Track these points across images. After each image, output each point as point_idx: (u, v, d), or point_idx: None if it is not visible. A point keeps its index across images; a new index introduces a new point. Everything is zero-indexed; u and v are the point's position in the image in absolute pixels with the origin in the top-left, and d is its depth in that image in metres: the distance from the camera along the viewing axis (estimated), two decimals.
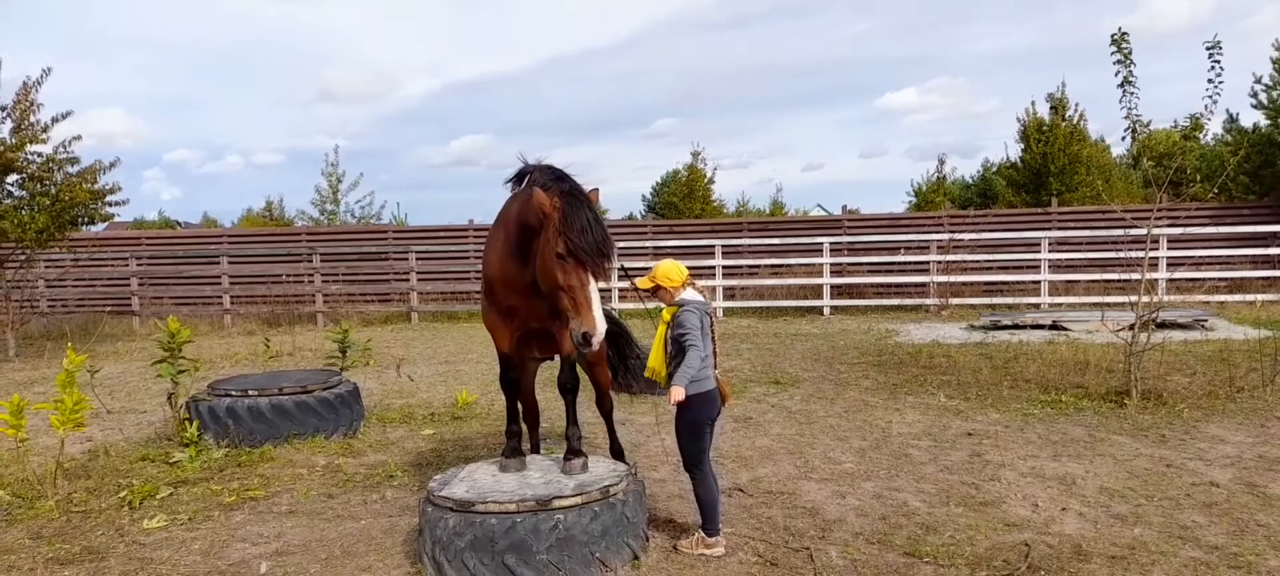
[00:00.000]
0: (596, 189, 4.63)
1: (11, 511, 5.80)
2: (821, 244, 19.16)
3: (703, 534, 4.73)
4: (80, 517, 5.67)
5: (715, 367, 4.75)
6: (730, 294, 19.65)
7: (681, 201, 30.69)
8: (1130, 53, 8.50)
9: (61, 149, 14.44)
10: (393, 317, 19.92)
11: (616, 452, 5.95)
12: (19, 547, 5.14)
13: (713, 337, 4.69)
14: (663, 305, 4.75)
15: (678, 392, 4.47)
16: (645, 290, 4.72)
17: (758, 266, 20.21)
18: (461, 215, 36.40)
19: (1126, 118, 8.69)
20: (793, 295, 19.30)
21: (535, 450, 5.79)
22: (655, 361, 4.70)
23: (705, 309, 4.68)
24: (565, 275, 4.23)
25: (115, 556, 4.98)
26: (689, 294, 4.70)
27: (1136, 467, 6.20)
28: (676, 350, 4.57)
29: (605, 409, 6.04)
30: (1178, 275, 17.14)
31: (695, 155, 31.27)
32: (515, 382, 5.28)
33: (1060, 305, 17.38)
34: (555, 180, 4.49)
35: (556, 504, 4.35)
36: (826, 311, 18.66)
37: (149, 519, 5.57)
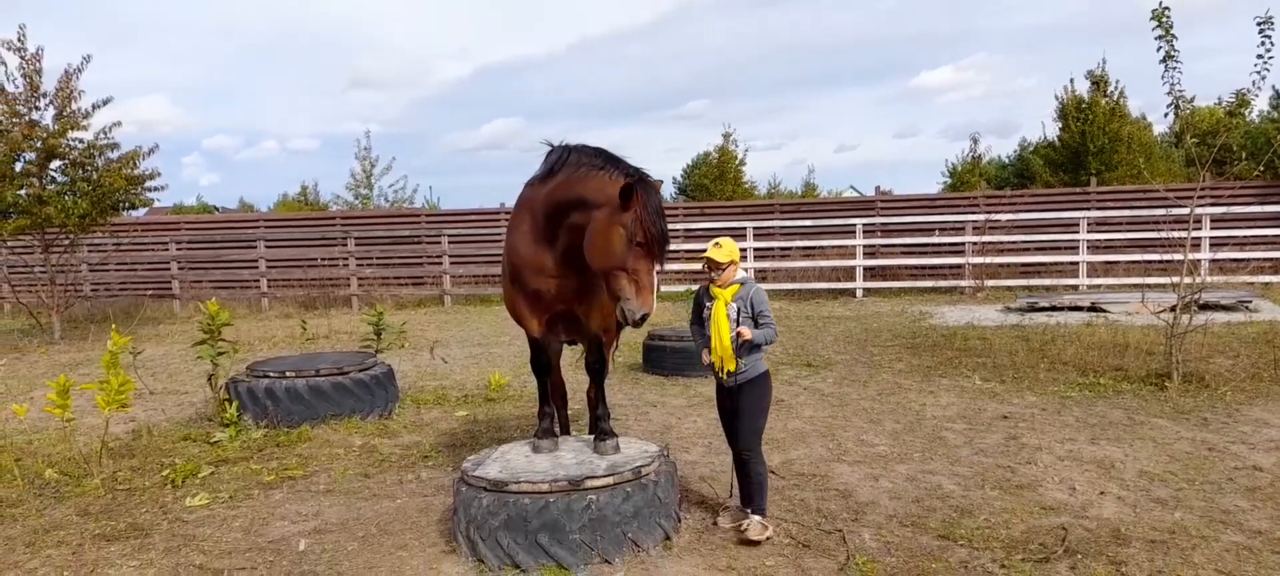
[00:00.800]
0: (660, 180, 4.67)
1: (59, 489, 5.96)
2: (854, 225, 19.00)
3: (760, 518, 4.66)
4: (125, 495, 5.80)
5: None
6: (762, 276, 19.56)
7: (712, 183, 30.58)
8: (1171, 27, 8.30)
9: (102, 135, 14.71)
10: (426, 301, 20.11)
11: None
12: (67, 524, 5.28)
13: None
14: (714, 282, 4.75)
15: (746, 332, 4.57)
16: (717, 265, 4.67)
17: (789, 248, 20.09)
18: (493, 199, 36.61)
19: (1169, 94, 8.49)
20: (825, 277, 19.17)
21: (564, 431, 5.81)
22: (725, 343, 4.64)
23: None
24: (635, 260, 4.35)
25: (159, 533, 5.10)
26: (742, 272, 4.79)
27: (1177, 451, 6.10)
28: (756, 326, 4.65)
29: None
30: (1221, 256, 16.78)
31: (726, 137, 31.13)
32: (547, 365, 5.30)
33: (1099, 286, 17.11)
34: (611, 162, 4.52)
35: (589, 484, 4.38)
36: (859, 293, 18.53)
37: (191, 497, 5.69)
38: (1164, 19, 8.30)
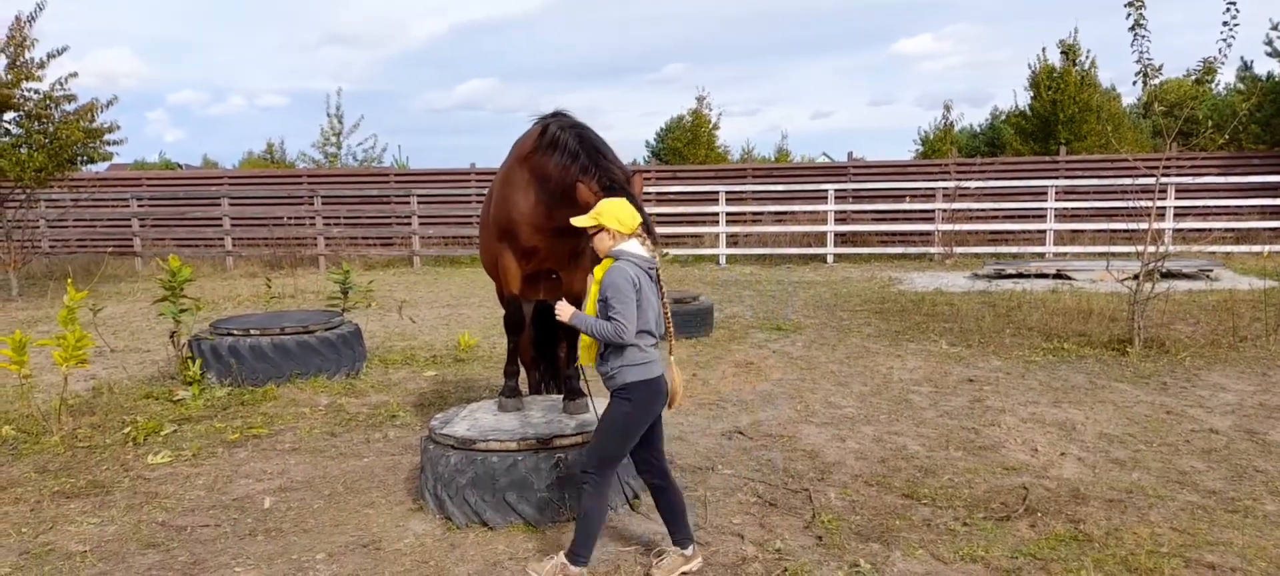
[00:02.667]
0: (639, 174, 4.26)
1: (17, 446, 5.84)
2: (826, 191, 19.03)
3: (567, 560, 3.65)
4: (85, 453, 5.71)
5: (670, 350, 3.86)
6: (733, 240, 19.58)
7: (686, 147, 30.46)
8: None
9: (58, 86, 14.28)
10: (395, 261, 19.90)
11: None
12: (25, 481, 5.18)
13: (664, 307, 3.75)
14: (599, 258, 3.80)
15: (564, 310, 3.73)
16: (589, 229, 3.78)
17: (761, 213, 20.11)
18: (464, 160, 36.14)
19: (1137, 62, 8.55)
20: (796, 242, 19.23)
21: (533, 391, 5.79)
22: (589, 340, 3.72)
23: (651, 267, 3.73)
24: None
25: (120, 490, 5.02)
26: (632, 246, 3.70)
27: (1137, 414, 6.21)
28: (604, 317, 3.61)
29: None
30: (1185, 225, 17.06)
31: (700, 100, 30.94)
32: (521, 324, 5.26)
33: (1065, 254, 17.32)
34: (592, 164, 4.17)
35: (557, 442, 4.37)
36: (830, 259, 18.62)
37: (153, 454, 5.61)
38: None
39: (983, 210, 18.68)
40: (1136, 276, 8.71)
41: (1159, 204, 11.53)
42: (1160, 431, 5.80)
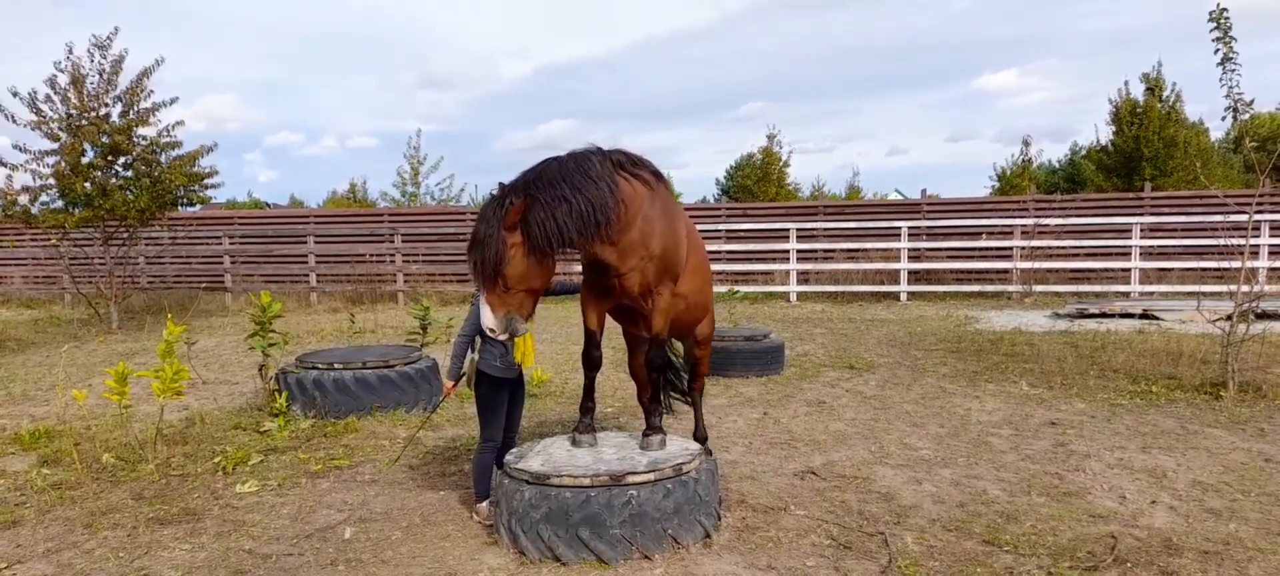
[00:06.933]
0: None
1: (116, 473, 6.14)
2: (899, 228, 18.78)
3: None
4: (178, 480, 5.96)
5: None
6: (804, 278, 19.44)
7: (755, 185, 30.51)
8: (1229, 27, 8.10)
9: (165, 133, 15.13)
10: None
11: (701, 437, 5.77)
12: (122, 507, 5.44)
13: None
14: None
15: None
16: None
17: (833, 250, 19.93)
18: None
19: (1227, 97, 8.29)
20: (868, 280, 18.98)
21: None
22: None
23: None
24: None
25: (210, 518, 5.23)
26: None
27: (1232, 461, 5.94)
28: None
29: (696, 390, 5.99)
30: None
31: (770, 138, 31.08)
32: (597, 361, 5.32)
33: (1152, 293, 16.71)
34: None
35: (630, 479, 4.40)
36: (903, 297, 18.31)
37: (242, 483, 5.83)
38: (1222, 20, 8.11)
39: (1063, 248, 18.17)
40: (1230, 317, 8.36)
41: (1252, 242, 11.06)
42: (1258, 480, 5.53)
